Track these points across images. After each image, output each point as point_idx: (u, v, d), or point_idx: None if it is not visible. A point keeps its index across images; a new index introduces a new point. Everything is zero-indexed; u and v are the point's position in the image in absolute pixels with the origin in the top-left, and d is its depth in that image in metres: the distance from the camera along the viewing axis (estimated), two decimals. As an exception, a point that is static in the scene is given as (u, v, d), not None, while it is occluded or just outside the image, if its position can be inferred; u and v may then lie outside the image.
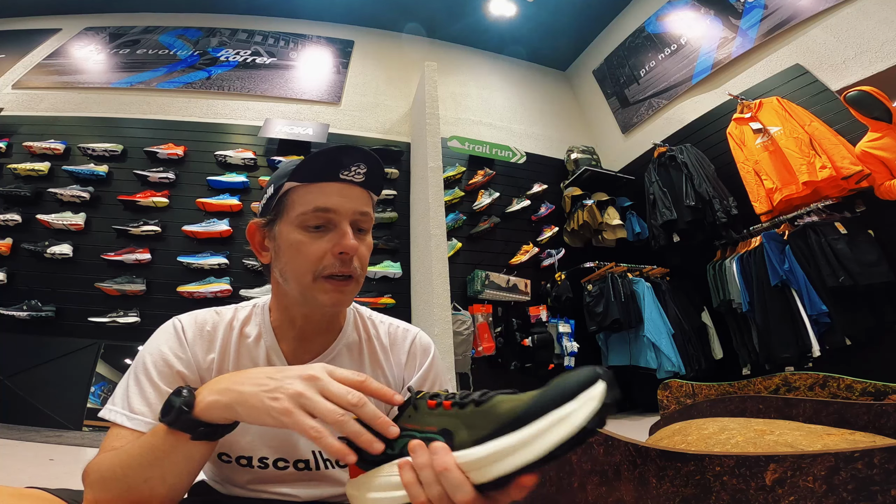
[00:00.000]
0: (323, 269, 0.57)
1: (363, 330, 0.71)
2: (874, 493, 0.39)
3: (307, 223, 0.58)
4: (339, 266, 0.58)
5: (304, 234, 0.58)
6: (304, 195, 0.59)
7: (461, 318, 2.70)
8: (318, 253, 0.57)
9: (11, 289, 2.53)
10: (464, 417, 0.39)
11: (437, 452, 0.37)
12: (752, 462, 0.45)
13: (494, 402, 0.38)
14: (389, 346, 0.72)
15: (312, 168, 0.58)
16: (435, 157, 2.69)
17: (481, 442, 0.36)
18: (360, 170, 0.59)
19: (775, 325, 2.29)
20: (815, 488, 0.41)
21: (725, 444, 0.62)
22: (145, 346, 0.62)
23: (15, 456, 1.78)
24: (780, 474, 0.43)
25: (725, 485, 0.46)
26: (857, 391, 0.94)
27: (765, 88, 2.83)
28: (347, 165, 0.58)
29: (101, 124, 3.12)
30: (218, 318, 0.66)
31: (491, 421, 0.37)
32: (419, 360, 0.72)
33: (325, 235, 0.58)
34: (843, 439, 0.57)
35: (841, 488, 0.40)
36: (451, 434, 0.39)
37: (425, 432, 0.40)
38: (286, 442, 0.62)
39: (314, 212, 0.58)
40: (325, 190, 0.58)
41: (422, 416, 0.42)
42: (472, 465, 0.36)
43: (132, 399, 0.55)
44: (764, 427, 0.64)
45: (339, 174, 0.58)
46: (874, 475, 0.39)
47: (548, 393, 0.35)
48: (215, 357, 0.62)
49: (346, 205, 0.59)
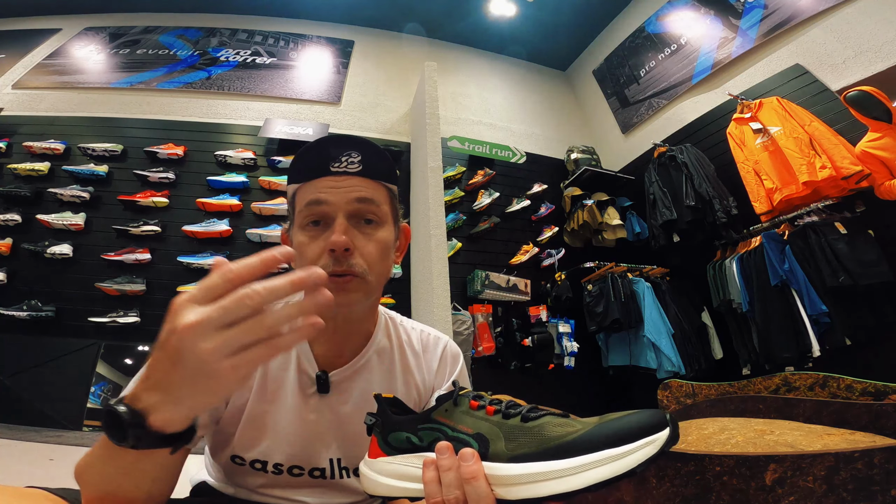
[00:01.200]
0: (323, 268, 0.55)
1: (395, 336, 0.69)
2: (874, 493, 0.39)
3: (305, 221, 0.56)
4: (333, 265, 0.53)
5: (304, 235, 0.56)
6: (302, 194, 0.57)
7: (461, 318, 2.70)
8: (316, 252, 0.55)
9: (11, 289, 2.53)
10: (505, 428, 0.37)
11: (466, 459, 0.35)
12: (752, 462, 0.45)
13: (544, 422, 0.36)
14: (422, 352, 0.70)
15: (302, 166, 0.57)
16: (435, 157, 2.69)
17: (520, 460, 0.34)
18: (353, 158, 0.56)
19: (775, 325, 2.29)
20: (815, 488, 0.41)
21: (725, 444, 0.62)
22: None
23: (15, 456, 1.78)
24: (780, 474, 0.43)
25: (725, 485, 0.46)
26: (857, 391, 0.94)
27: (765, 88, 2.83)
28: (336, 156, 0.56)
29: (101, 124, 3.12)
30: None
31: (537, 441, 0.35)
32: (450, 368, 0.71)
33: (323, 233, 0.56)
34: (843, 439, 0.57)
35: (841, 488, 0.40)
36: (486, 441, 0.37)
37: (458, 431, 0.39)
38: (306, 450, 0.61)
39: (307, 206, 0.56)
40: (318, 185, 0.56)
41: (459, 414, 0.40)
42: (501, 481, 0.34)
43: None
44: (764, 427, 0.64)
45: (329, 167, 0.56)
46: (874, 475, 0.39)
47: (605, 427, 0.33)
48: None
49: (339, 195, 0.55)
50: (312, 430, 0.61)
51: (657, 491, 0.51)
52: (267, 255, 0.31)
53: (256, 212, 2.91)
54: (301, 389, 0.61)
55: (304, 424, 0.61)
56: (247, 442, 0.59)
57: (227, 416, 0.60)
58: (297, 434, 0.60)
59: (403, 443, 0.41)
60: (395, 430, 0.43)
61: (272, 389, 0.61)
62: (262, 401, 0.60)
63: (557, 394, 2.97)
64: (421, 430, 0.41)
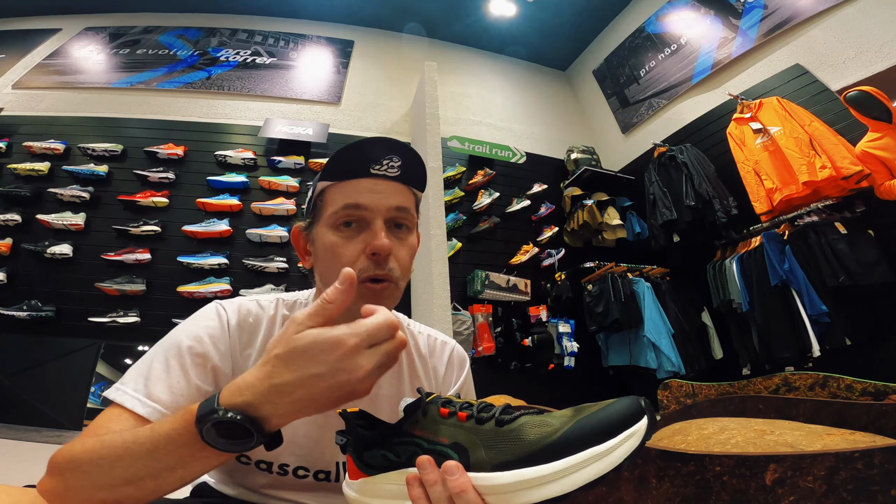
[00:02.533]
0: (360, 272, 0.52)
1: None
2: (874, 493, 0.39)
3: (339, 222, 0.55)
4: (374, 268, 0.53)
5: (337, 235, 0.55)
6: (336, 193, 0.56)
7: (461, 318, 2.70)
8: (353, 254, 0.53)
9: (11, 289, 2.53)
10: (482, 435, 0.36)
11: (452, 472, 0.34)
12: (752, 462, 0.45)
13: (520, 424, 0.35)
14: (429, 356, 0.70)
15: (341, 163, 0.55)
16: (435, 157, 2.69)
17: (506, 468, 0.34)
18: (394, 163, 0.54)
19: (775, 325, 2.29)
20: (815, 488, 0.41)
21: (725, 444, 0.62)
22: (182, 327, 0.57)
23: (15, 456, 1.78)
24: (780, 474, 0.43)
25: (725, 485, 0.46)
26: (857, 391, 0.94)
27: (765, 88, 2.83)
28: (378, 159, 0.54)
29: (101, 124, 3.12)
30: (261, 311, 0.62)
31: (517, 447, 0.34)
32: (457, 373, 0.71)
33: (358, 235, 0.54)
34: (843, 439, 0.57)
35: (841, 488, 0.40)
36: (465, 451, 0.36)
37: (435, 443, 0.37)
38: (312, 451, 0.60)
39: (344, 209, 0.54)
40: (357, 186, 0.54)
41: (431, 423, 0.39)
42: (491, 490, 0.34)
43: (153, 383, 0.49)
44: (764, 427, 0.64)
45: (370, 168, 0.54)
46: (874, 475, 0.39)
47: (585, 424, 0.33)
48: (253, 353, 0.59)
49: (379, 201, 0.54)
50: (320, 433, 0.61)
51: (657, 491, 0.51)
52: (391, 320, 0.37)
53: (256, 212, 2.91)
54: None
55: (313, 426, 0.60)
56: None
57: None
58: (305, 436, 0.60)
59: (381, 460, 0.40)
60: (369, 447, 0.42)
61: None
62: None
63: (557, 394, 2.97)
64: (396, 446, 0.40)
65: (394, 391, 0.66)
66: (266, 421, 0.36)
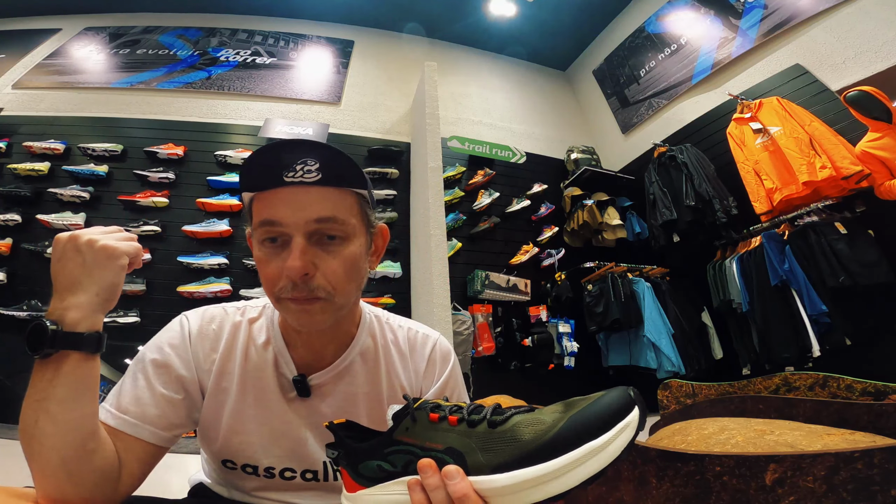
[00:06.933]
0: (280, 290, 0.50)
1: (380, 335, 0.67)
2: (874, 493, 0.39)
3: (262, 237, 0.51)
4: (291, 290, 0.49)
5: (261, 251, 0.52)
6: (257, 205, 0.51)
7: (461, 318, 2.70)
8: (274, 274, 0.50)
9: (11, 289, 2.52)
10: (476, 438, 0.36)
11: (452, 477, 0.34)
12: (752, 462, 0.45)
13: (514, 423, 0.35)
14: (409, 352, 0.68)
15: (251, 175, 0.50)
16: (435, 158, 2.69)
17: (504, 469, 0.33)
18: (310, 166, 0.48)
19: (775, 325, 2.29)
20: (815, 488, 0.41)
21: (725, 444, 0.62)
22: (149, 342, 0.59)
23: (15, 456, 1.78)
24: (780, 474, 0.43)
25: (725, 485, 0.46)
26: (857, 391, 0.94)
27: (765, 88, 2.83)
28: (290, 165, 0.48)
29: (101, 124, 3.12)
30: (226, 315, 0.62)
31: (514, 447, 0.34)
32: (439, 369, 0.68)
33: (280, 253, 0.50)
34: (843, 439, 0.57)
35: (841, 488, 0.40)
36: (461, 455, 0.36)
37: (428, 449, 0.37)
38: (295, 452, 0.60)
39: (261, 226, 0.50)
40: (272, 199, 0.49)
41: (422, 430, 0.38)
42: (492, 493, 0.34)
43: (122, 396, 0.53)
44: (764, 427, 0.64)
45: (282, 177, 0.48)
46: (874, 475, 0.39)
47: (578, 420, 0.33)
48: (217, 358, 0.59)
49: (295, 214, 0.49)
50: (297, 434, 0.60)
51: (657, 491, 0.51)
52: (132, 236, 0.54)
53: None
54: (282, 393, 0.60)
55: (288, 428, 0.60)
56: (233, 447, 0.59)
57: (207, 416, 0.59)
58: (283, 437, 0.60)
59: (376, 472, 0.39)
60: (362, 459, 0.41)
61: (252, 393, 0.60)
62: (242, 403, 0.59)
63: (557, 394, 2.96)
64: (390, 455, 0.39)
65: (370, 388, 0.64)
66: (62, 317, 0.48)
